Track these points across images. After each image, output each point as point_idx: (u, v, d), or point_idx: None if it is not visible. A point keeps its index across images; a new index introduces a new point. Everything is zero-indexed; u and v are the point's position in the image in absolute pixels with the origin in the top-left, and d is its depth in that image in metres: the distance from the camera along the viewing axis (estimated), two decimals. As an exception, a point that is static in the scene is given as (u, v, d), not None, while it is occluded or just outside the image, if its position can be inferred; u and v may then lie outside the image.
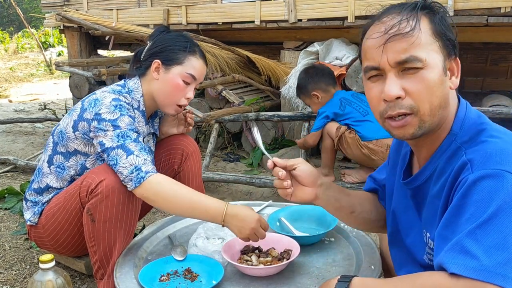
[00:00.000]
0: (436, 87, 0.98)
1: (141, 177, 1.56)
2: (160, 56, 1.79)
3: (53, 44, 12.72)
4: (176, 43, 1.81)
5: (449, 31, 1.01)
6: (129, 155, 1.59)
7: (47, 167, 1.82)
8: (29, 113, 6.29)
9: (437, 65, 0.98)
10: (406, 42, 0.97)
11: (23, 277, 2.08)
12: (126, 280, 1.43)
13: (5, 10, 20.83)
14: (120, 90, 1.77)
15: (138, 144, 1.63)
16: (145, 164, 1.58)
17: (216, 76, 4.06)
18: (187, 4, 4.36)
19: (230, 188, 3.27)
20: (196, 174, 2.05)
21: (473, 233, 0.87)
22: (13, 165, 3.73)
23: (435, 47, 0.99)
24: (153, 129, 1.96)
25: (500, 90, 4.41)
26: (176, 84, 1.78)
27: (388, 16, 1.01)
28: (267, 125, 3.84)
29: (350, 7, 3.50)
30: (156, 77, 1.80)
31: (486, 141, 0.97)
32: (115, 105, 1.67)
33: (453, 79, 1.03)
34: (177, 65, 1.78)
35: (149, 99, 1.84)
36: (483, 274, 0.83)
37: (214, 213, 1.50)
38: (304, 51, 3.80)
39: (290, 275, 1.43)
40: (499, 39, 3.53)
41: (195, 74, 1.81)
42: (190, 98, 1.84)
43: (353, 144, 2.90)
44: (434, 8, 1.02)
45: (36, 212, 1.82)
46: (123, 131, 1.63)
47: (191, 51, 1.81)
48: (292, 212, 1.80)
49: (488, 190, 0.89)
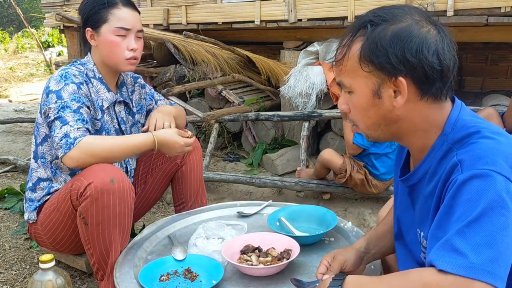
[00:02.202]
0: (365, 110, 1.07)
1: (70, 143, 1.59)
2: (88, 23, 1.81)
3: (52, 43, 12.71)
4: (95, 4, 1.80)
5: (382, 53, 1.00)
6: (63, 125, 1.63)
7: (35, 162, 1.86)
8: (29, 113, 6.29)
9: (362, 90, 1.05)
10: (337, 68, 1.09)
11: (23, 277, 2.08)
12: (126, 280, 1.43)
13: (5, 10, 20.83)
14: (72, 63, 1.85)
15: (76, 114, 1.66)
16: (74, 131, 1.61)
17: (216, 76, 4.06)
18: (187, 4, 4.36)
19: (230, 188, 3.27)
20: (197, 169, 2.09)
21: (462, 231, 0.89)
22: (13, 165, 3.73)
23: (361, 73, 1.04)
24: (122, 98, 1.95)
25: (500, 90, 4.42)
26: (110, 42, 1.78)
27: (343, 35, 1.10)
28: (267, 125, 3.84)
29: (350, 7, 3.50)
30: (94, 44, 1.83)
31: (477, 142, 0.98)
32: (61, 74, 1.74)
33: (398, 99, 1.03)
34: (104, 24, 1.79)
35: (102, 66, 1.86)
36: (470, 271, 0.85)
37: (146, 147, 1.73)
38: (304, 51, 3.80)
39: (290, 275, 1.43)
40: (499, 39, 3.54)
41: (124, 25, 1.79)
42: (134, 48, 1.82)
43: (361, 184, 2.70)
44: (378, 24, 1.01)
45: (33, 210, 1.83)
46: (64, 102, 1.67)
47: (111, 4, 1.79)
48: (292, 212, 1.80)
49: (476, 190, 0.91)
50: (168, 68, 4.30)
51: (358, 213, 2.81)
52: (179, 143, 1.78)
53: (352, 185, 2.75)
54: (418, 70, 1.00)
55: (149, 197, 2.13)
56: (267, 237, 1.59)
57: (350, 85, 1.07)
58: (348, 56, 1.05)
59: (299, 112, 3.40)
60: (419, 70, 1.00)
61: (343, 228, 1.71)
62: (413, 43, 0.99)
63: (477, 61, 4.74)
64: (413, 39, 0.99)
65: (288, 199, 3.04)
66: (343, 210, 2.86)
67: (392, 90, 1.03)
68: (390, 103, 1.04)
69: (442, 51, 1.00)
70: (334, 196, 3.02)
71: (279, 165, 3.45)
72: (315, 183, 2.92)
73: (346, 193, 2.96)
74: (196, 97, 4.27)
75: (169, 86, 4.04)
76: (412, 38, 0.99)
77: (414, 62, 0.99)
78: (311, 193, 3.08)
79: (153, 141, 1.73)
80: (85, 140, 1.61)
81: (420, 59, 0.99)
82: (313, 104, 3.51)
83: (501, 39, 3.51)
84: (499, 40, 3.69)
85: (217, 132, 3.60)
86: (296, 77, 3.60)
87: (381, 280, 1.01)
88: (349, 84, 1.07)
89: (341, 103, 1.13)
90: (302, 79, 3.55)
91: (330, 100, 3.54)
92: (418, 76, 1.00)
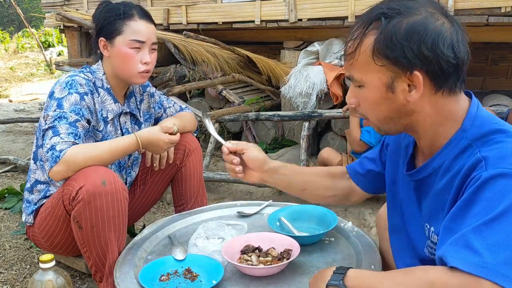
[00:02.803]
0: (377, 104, 1.06)
1: (56, 156, 1.56)
2: (102, 33, 1.77)
3: (52, 43, 12.71)
4: (111, 13, 1.76)
5: (398, 47, 0.98)
6: (54, 136, 1.60)
7: (34, 163, 1.85)
8: (29, 113, 6.29)
9: (375, 84, 1.03)
10: (348, 62, 1.07)
11: (23, 277, 2.08)
12: (126, 280, 1.42)
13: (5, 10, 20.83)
14: (82, 70, 1.81)
15: (70, 127, 1.63)
16: (61, 143, 1.58)
17: (216, 75, 4.06)
18: (187, 4, 4.36)
19: (230, 187, 3.27)
20: (197, 170, 2.08)
21: (479, 229, 0.87)
22: (13, 165, 3.73)
23: (374, 67, 1.02)
24: (129, 109, 1.93)
25: (500, 90, 4.41)
26: (124, 55, 1.75)
27: (352, 28, 1.07)
28: (267, 124, 3.84)
29: (350, 7, 3.50)
30: (107, 54, 1.79)
31: (503, 141, 0.97)
32: (67, 81, 1.71)
33: (413, 93, 1.01)
34: (118, 36, 1.75)
35: (112, 77, 1.83)
36: (483, 270, 0.84)
37: (130, 148, 1.71)
38: (304, 50, 3.80)
39: (290, 275, 1.43)
40: (499, 38, 3.54)
41: (139, 38, 1.75)
42: (147, 61, 1.79)
43: None
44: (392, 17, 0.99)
45: (30, 213, 1.83)
46: (63, 112, 1.65)
47: (127, 16, 1.75)
48: (292, 212, 1.80)
49: (500, 188, 0.89)
50: (168, 68, 4.30)
51: (358, 213, 2.81)
52: (163, 140, 1.76)
53: None
54: (434, 64, 0.98)
55: (149, 198, 2.13)
56: (267, 237, 1.58)
57: (362, 79, 1.05)
58: (360, 49, 1.03)
59: (299, 112, 3.40)
60: (435, 64, 0.98)
61: (343, 228, 1.71)
62: (428, 37, 0.97)
63: (477, 61, 4.73)
64: (428, 32, 0.97)
65: (288, 199, 3.03)
66: (343, 210, 2.86)
67: (406, 84, 1.01)
68: (404, 97, 1.02)
69: (457, 44, 0.99)
70: (334, 196, 3.02)
71: (279, 165, 3.45)
72: (315, 183, 2.91)
73: (346, 193, 2.95)
74: (196, 97, 4.28)
75: (169, 86, 4.04)
76: (427, 31, 0.97)
77: (430, 56, 0.97)
78: (311, 193, 3.07)
79: (136, 141, 1.70)
80: (70, 152, 1.57)
81: (436, 53, 0.97)
82: (313, 104, 3.51)
83: (502, 39, 3.51)
84: (499, 40, 3.69)
85: (217, 132, 3.59)
86: (296, 77, 3.60)
87: (385, 275, 1.00)
88: (360, 78, 1.05)
89: (350, 97, 1.12)
90: (302, 79, 3.55)
91: (330, 100, 3.54)
92: (433, 70, 0.99)
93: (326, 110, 3.33)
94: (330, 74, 3.47)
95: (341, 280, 1.02)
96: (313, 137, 3.71)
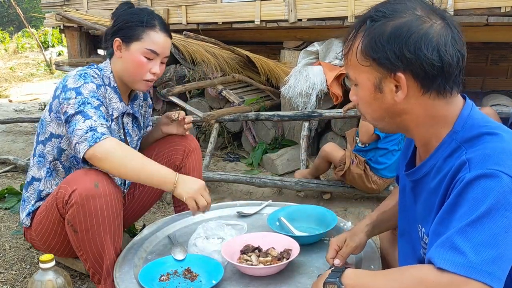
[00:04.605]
0: (369, 103, 1.10)
1: (97, 137, 1.55)
2: (120, 34, 1.77)
3: (52, 43, 12.70)
4: (134, 18, 1.76)
5: (380, 49, 1.00)
6: (86, 119, 1.59)
7: (32, 160, 1.84)
8: (29, 113, 6.29)
9: (365, 83, 1.07)
10: (345, 61, 1.12)
11: (23, 277, 2.08)
12: (126, 280, 1.43)
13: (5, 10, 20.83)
14: (89, 66, 1.81)
15: (97, 111, 1.63)
16: (100, 126, 1.58)
17: (216, 75, 4.06)
18: (187, 4, 4.36)
19: (230, 187, 3.27)
20: (197, 170, 2.08)
21: (464, 230, 0.89)
22: (13, 165, 3.73)
23: (363, 68, 1.05)
24: (132, 111, 1.94)
25: (500, 90, 4.41)
26: (137, 61, 1.75)
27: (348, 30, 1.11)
28: (267, 124, 3.84)
29: (350, 7, 3.50)
30: (119, 55, 1.78)
31: (487, 142, 0.98)
32: (79, 73, 1.71)
33: (399, 94, 1.03)
34: (136, 42, 1.74)
35: (119, 78, 1.83)
36: (468, 270, 0.85)
37: (161, 182, 1.56)
38: (304, 50, 3.80)
39: (290, 275, 1.43)
40: (499, 38, 3.54)
41: (156, 49, 1.76)
42: (156, 72, 1.79)
43: (359, 179, 2.68)
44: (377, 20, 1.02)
45: (27, 214, 1.82)
46: (85, 98, 1.63)
47: (149, 25, 1.76)
48: (291, 212, 1.80)
49: (482, 189, 0.90)
50: (168, 68, 4.29)
51: (358, 213, 2.81)
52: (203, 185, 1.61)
53: (350, 179, 2.73)
54: (416, 66, 1.00)
55: (148, 198, 2.13)
56: (267, 237, 1.59)
57: (355, 78, 1.10)
58: (352, 50, 1.07)
59: (299, 112, 3.40)
60: (418, 66, 1.00)
61: (343, 228, 1.71)
62: (411, 40, 0.98)
63: (477, 61, 4.73)
64: (411, 35, 0.98)
65: (288, 199, 3.04)
66: (343, 210, 2.86)
67: (394, 84, 1.03)
68: (392, 97, 1.05)
69: (443, 47, 0.99)
70: (334, 196, 3.03)
71: (279, 165, 3.45)
72: (315, 183, 2.92)
73: (346, 193, 2.96)
74: (196, 97, 4.27)
75: (169, 86, 4.04)
76: (410, 34, 0.99)
77: (412, 58, 0.99)
78: (311, 193, 3.08)
79: (173, 182, 1.56)
80: (110, 140, 1.55)
81: (418, 55, 0.98)
82: (313, 104, 3.51)
83: (501, 39, 3.51)
84: (499, 40, 3.69)
85: (217, 132, 3.60)
86: (296, 77, 3.60)
87: (379, 273, 1.03)
88: (354, 77, 1.10)
89: (351, 94, 1.16)
90: (302, 79, 3.55)
91: (330, 100, 3.54)
92: (417, 72, 1.00)
93: (326, 110, 3.33)
94: (330, 74, 3.47)
95: (338, 277, 1.05)
96: (313, 137, 3.71)
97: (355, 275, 1.05)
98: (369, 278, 1.01)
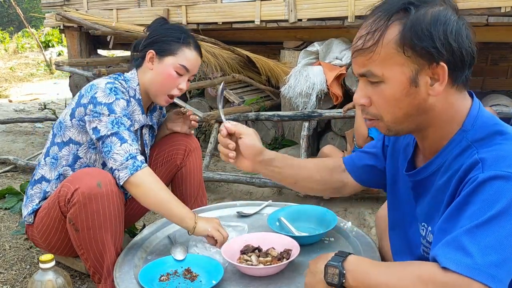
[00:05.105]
0: (397, 100, 1.01)
1: (138, 166, 1.60)
2: (155, 47, 1.81)
3: (52, 43, 12.70)
4: (171, 33, 1.82)
5: (427, 36, 0.95)
6: (123, 143, 1.62)
7: (43, 159, 1.84)
8: (29, 113, 6.29)
9: (397, 78, 0.99)
10: (365, 57, 1.00)
11: (23, 277, 2.08)
12: (126, 280, 1.43)
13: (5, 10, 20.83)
14: (116, 77, 1.81)
15: (130, 133, 1.67)
16: (138, 152, 1.63)
17: (216, 75, 4.06)
18: (187, 4, 4.36)
19: (230, 188, 3.27)
20: (197, 170, 2.10)
21: (472, 231, 0.88)
22: (13, 165, 3.73)
23: (399, 60, 0.98)
24: (151, 122, 1.97)
25: (500, 90, 4.41)
26: (168, 75, 1.79)
27: (366, 21, 1.02)
28: (267, 124, 3.84)
29: (350, 7, 3.50)
30: (151, 67, 1.81)
31: (501, 143, 0.97)
32: (110, 88, 1.70)
33: (435, 86, 0.99)
34: (171, 56, 1.80)
35: (144, 89, 1.85)
36: (474, 271, 0.85)
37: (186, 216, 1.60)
38: (304, 50, 3.80)
39: (290, 275, 1.43)
40: (499, 38, 3.53)
41: (188, 66, 1.82)
42: (182, 89, 1.84)
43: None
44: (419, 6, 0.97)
45: (31, 212, 1.83)
46: (118, 118, 1.66)
47: (185, 42, 1.81)
48: (291, 212, 1.80)
49: (495, 191, 0.89)
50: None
51: (358, 213, 2.81)
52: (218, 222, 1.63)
53: None
54: (457, 55, 0.97)
55: None
56: (267, 237, 1.59)
57: (383, 74, 0.99)
58: (383, 42, 0.98)
59: (299, 112, 3.40)
60: (458, 55, 0.97)
61: (343, 228, 1.71)
62: (452, 27, 0.96)
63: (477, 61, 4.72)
64: (451, 22, 0.96)
65: (288, 199, 3.04)
66: (343, 210, 2.86)
67: (429, 77, 0.99)
68: (426, 91, 0.99)
69: (471, 37, 0.99)
70: (334, 196, 3.02)
71: (279, 165, 3.45)
72: (315, 183, 2.91)
73: (346, 193, 2.95)
74: (196, 97, 4.28)
75: (169, 86, 4.04)
76: (450, 21, 0.96)
77: (455, 47, 0.96)
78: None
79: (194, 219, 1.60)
80: (147, 170, 1.62)
81: (459, 43, 0.97)
82: (313, 104, 3.51)
83: (501, 39, 3.51)
84: (499, 40, 3.68)
85: (217, 132, 3.60)
86: (296, 77, 3.60)
87: (381, 264, 1.02)
88: (381, 73, 0.99)
89: (361, 96, 1.06)
90: (302, 79, 3.56)
91: (330, 100, 3.54)
92: (455, 62, 0.98)
93: (326, 110, 3.33)
94: (330, 74, 3.47)
95: (341, 262, 1.03)
96: (313, 137, 3.71)
97: (358, 262, 1.03)
98: (371, 268, 1.00)
